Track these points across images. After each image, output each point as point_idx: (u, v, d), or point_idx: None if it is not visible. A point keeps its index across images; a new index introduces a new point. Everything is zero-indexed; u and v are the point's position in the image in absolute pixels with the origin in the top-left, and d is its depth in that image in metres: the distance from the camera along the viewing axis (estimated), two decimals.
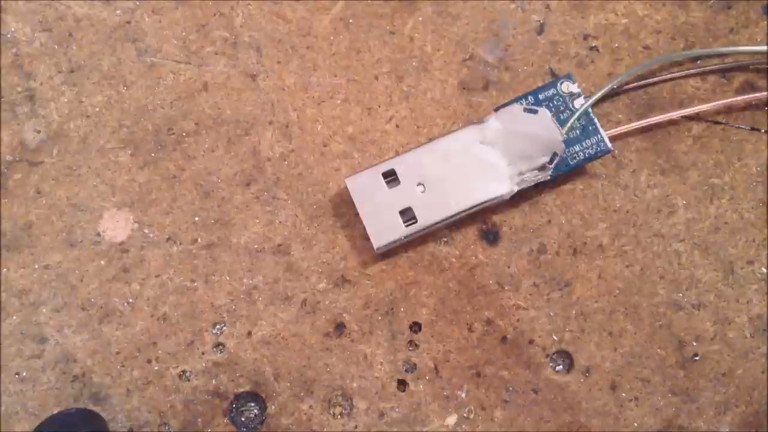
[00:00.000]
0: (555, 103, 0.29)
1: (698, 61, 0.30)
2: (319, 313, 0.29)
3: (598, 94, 0.29)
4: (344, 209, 0.29)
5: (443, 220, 0.28)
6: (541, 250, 0.29)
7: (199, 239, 0.29)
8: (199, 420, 0.28)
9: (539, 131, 0.28)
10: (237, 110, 0.30)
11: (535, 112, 0.28)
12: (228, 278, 0.29)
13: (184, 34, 0.30)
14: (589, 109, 0.29)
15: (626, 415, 0.28)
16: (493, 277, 0.29)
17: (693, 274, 0.29)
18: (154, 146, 0.30)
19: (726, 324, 0.29)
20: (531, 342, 0.29)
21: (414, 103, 0.30)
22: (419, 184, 0.28)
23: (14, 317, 0.29)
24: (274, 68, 0.30)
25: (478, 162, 0.28)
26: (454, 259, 0.29)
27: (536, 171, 0.28)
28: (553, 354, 0.29)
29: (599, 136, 0.29)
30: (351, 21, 0.30)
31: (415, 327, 0.29)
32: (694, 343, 0.28)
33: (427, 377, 0.28)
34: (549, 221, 0.29)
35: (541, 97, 0.29)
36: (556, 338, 0.29)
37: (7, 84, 0.30)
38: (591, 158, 0.29)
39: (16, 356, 0.28)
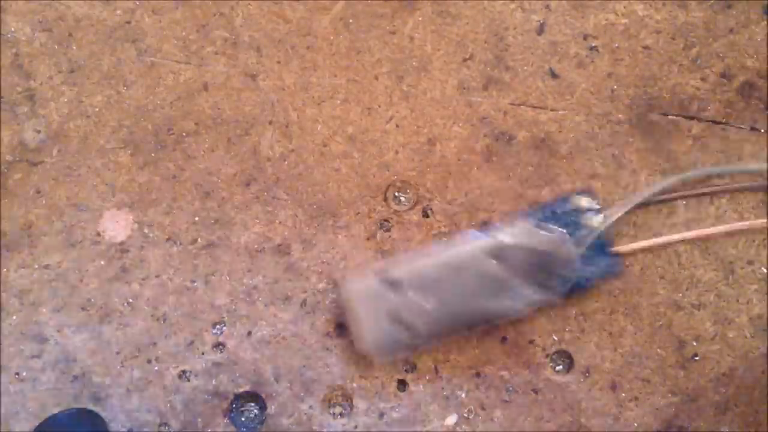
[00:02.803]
0: (571, 218, 0.28)
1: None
2: (318, 313, 0.29)
3: (617, 215, 0.28)
4: (344, 209, 0.29)
5: (443, 334, 0.27)
6: None
7: (199, 239, 0.29)
8: (199, 420, 0.28)
9: (554, 252, 0.27)
10: (237, 110, 0.30)
11: (551, 231, 0.27)
12: (228, 278, 0.29)
13: (184, 34, 0.30)
14: (604, 230, 0.28)
15: (626, 415, 0.28)
16: None
17: (693, 274, 0.29)
18: (154, 146, 0.30)
19: (726, 324, 0.29)
20: (531, 342, 0.29)
21: (414, 103, 0.30)
22: (422, 294, 0.27)
23: (14, 317, 0.29)
24: (274, 68, 0.30)
25: (485, 277, 0.27)
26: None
27: (546, 290, 0.27)
28: (553, 354, 0.28)
29: (610, 257, 0.28)
30: (351, 21, 0.30)
31: None
32: (694, 343, 0.28)
33: (427, 377, 0.28)
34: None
35: (558, 211, 0.28)
36: (555, 338, 0.29)
37: (7, 84, 0.30)
38: (600, 277, 0.28)
39: (16, 356, 0.28)
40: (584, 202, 0.28)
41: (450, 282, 0.27)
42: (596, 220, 0.28)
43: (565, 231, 0.27)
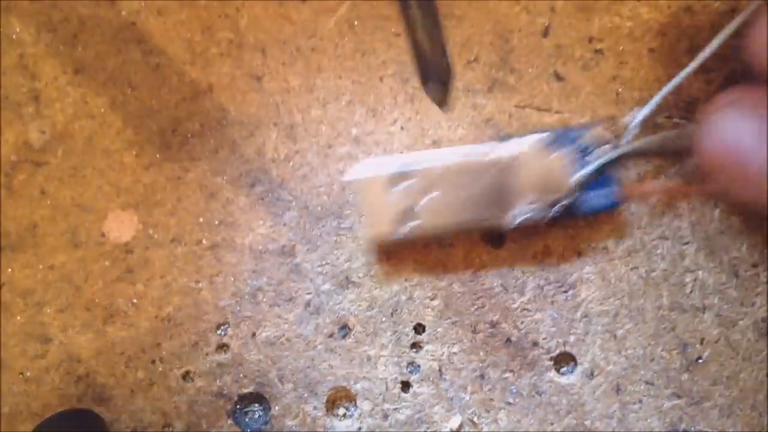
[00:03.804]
0: (578, 147, 0.28)
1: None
2: (323, 315, 0.29)
3: (622, 150, 0.28)
4: (349, 210, 0.29)
5: (440, 228, 0.28)
6: (545, 252, 0.29)
7: (203, 240, 0.29)
8: (203, 421, 0.28)
9: (555, 170, 0.28)
10: (242, 111, 0.30)
11: (555, 150, 0.28)
12: (232, 279, 0.29)
13: (189, 35, 0.30)
14: (610, 161, 0.28)
15: (630, 417, 0.28)
16: (498, 279, 0.29)
17: (697, 277, 0.29)
18: (158, 147, 0.30)
19: (730, 327, 0.29)
20: (535, 344, 0.29)
21: (419, 105, 0.30)
22: (425, 188, 0.28)
23: (18, 317, 0.29)
24: (278, 70, 0.30)
25: (486, 183, 0.28)
26: (458, 261, 0.29)
27: (540, 208, 0.28)
28: (558, 356, 0.29)
29: (611, 191, 0.28)
30: (356, 23, 0.30)
31: (420, 329, 0.29)
32: (698, 346, 0.29)
33: (431, 379, 0.28)
34: (553, 224, 0.29)
35: (566, 137, 0.28)
36: (560, 340, 0.29)
37: (12, 84, 0.30)
38: (598, 209, 0.28)
39: (21, 356, 0.28)
40: (595, 133, 0.28)
41: (453, 180, 0.28)
42: (602, 152, 0.28)
43: (567, 153, 0.28)
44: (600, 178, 0.28)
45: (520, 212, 0.28)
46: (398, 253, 0.29)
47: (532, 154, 0.28)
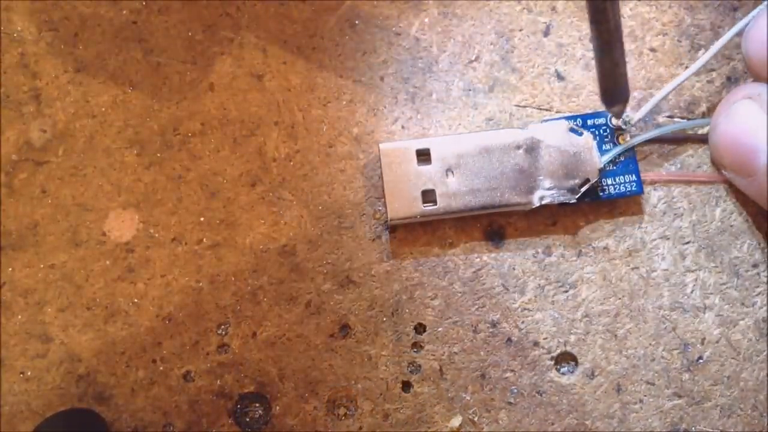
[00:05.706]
0: (601, 132, 0.29)
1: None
2: (324, 314, 0.29)
3: (645, 136, 0.29)
4: (350, 210, 0.29)
5: (460, 211, 0.28)
6: (546, 251, 0.29)
7: (204, 239, 0.29)
8: (204, 420, 0.28)
9: (579, 154, 0.28)
10: (243, 111, 0.30)
11: (579, 134, 0.28)
12: (233, 278, 0.29)
13: (190, 34, 0.30)
14: (633, 148, 0.29)
15: (631, 417, 0.28)
16: (498, 278, 0.29)
17: (698, 277, 0.29)
18: (159, 146, 0.30)
19: (731, 326, 0.29)
20: (536, 344, 0.29)
21: (419, 105, 0.30)
22: (448, 170, 0.28)
23: (19, 316, 0.29)
24: (279, 69, 0.30)
25: (510, 165, 0.28)
26: (459, 261, 0.29)
27: (564, 191, 0.28)
28: (558, 356, 0.29)
29: (634, 177, 0.29)
30: (357, 22, 0.30)
31: (420, 328, 0.29)
32: (699, 346, 0.29)
33: (432, 379, 0.28)
34: (554, 223, 0.29)
35: (589, 122, 0.29)
36: (561, 340, 0.29)
37: (13, 83, 0.30)
38: (620, 195, 0.29)
39: (21, 355, 0.28)
40: (617, 119, 0.29)
41: (475, 162, 0.28)
42: (623, 139, 0.29)
43: (589, 138, 0.28)
44: (621, 164, 0.29)
45: (543, 195, 0.28)
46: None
47: (556, 138, 0.28)
